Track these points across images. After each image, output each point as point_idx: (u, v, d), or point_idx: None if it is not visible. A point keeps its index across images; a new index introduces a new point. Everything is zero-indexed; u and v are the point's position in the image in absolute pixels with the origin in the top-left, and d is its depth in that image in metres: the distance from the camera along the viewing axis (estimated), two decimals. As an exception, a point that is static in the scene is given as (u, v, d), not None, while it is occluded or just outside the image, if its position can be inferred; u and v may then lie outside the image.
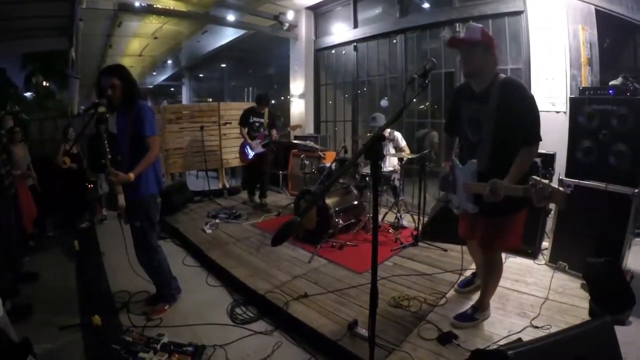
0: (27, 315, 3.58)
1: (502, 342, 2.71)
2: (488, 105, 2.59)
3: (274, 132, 6.70)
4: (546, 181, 2.07)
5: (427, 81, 2.19)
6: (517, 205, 2.56)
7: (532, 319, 3.01)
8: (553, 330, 2.78)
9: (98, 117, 3.37)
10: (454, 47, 2.75)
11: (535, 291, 3.51)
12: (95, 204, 7.01)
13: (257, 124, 6.81)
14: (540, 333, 2.81)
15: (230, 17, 8.65)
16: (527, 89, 2.67)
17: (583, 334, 2.07)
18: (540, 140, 2.51)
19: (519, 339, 2.60)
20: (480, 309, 3.06)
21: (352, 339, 2.85)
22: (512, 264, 4.12)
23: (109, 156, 3.20)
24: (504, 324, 3.00)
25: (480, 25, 2.68)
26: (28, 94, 17.93)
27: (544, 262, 4.13)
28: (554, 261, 4.00)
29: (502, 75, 2.64)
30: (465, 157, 2.81)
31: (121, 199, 3.25)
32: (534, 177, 2.12)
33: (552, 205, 4.00)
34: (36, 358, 1.79)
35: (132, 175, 3.17)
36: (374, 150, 1.81)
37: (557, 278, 3.75)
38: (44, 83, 17.59)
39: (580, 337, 2.05)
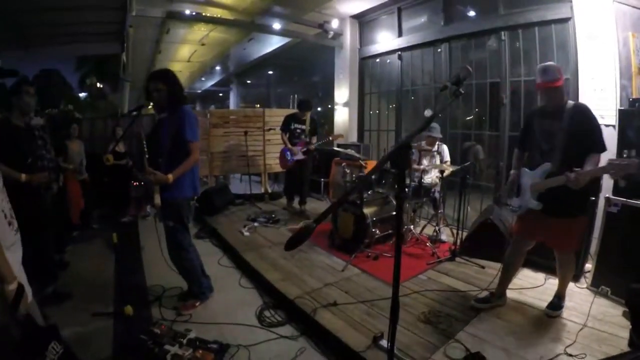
0: (64, 301, 3.75)
1: (533, 369, 2.60)
2: (561, 122, 3.05)
3: (315, 139, 6.77)
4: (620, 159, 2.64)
5: (460, 89, 2.15)
6: (583, 206, 3.18)
7: (567, 346, 2.85)
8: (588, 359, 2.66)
9: (158, 120, 3.55)
10: (540, 89, 3.14)
11: (573, 316, 3.32)
12: (140, 201, 7.27)
13: (298, 131, 6.83)
14: None
15: (276, 25, 8.79)
16: (592, 111, 3.11)
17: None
18: (605, 149, 2.98)
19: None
20: (563, 297, 3.46)
21: (376, 352, 2.81)
22: (552, 285, 3.84)
23: (147, 156, 3.35)
24: (537, 349, 2.86)
25: (553, 63, 3.20)
26: (82, 95, 18.79)
27: (585, 285, 3.91)
28: (596, 285, 3.76)
29: (571, 102, 3.12)
30: (535, 163, 3.23)
31: (157, 198, 3.36)
32: (611, 159, 2.61)
33: (597, 224, 3.86)
34: (60, 344, 1.85)
35: (170, 177, 3.28)
36: (400, 159, 1.78)
37: (598, 303, 3.54)
38: (97, 85, 18.38)
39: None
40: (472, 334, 3.09)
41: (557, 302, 3.42)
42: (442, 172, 5.28)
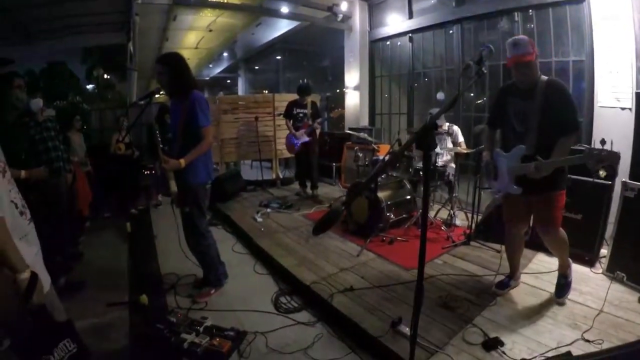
0: (79, 290, 3.78)
1: (550, 354, 2.56)
2: (534, 101, 2.96)
3: (317, 122, 6.81)
4: (599, 147, 2.45)
5: (483, 69, 2.16)
6: (559, 183, 3.04)
7: (584, 332, 2.80)
8: (605, 345, 2.61)
9: (160, 107, 3.54)
10: (512, 65, 3.00)
11: (589, 302, 3.27)
12: (151, 190, 7.32)
13: (301, 115, 6.92)
14: (591, 347, 2.63)
15: (284, 8, 8.70)
16: (567, 87, 3.07)
17: (637, 354, 1.95)
18: (579, 128, 2.96)
19: (569, 353, 2.46)
20: (568, 274, 3.35)
21: (394, 337, 2.79)
22: None
23: (160, 144, 3.38)
24: (553, 334, 2.82)
25: (525, 36, 3.01)
26: (90, 86, 18.86)
27: (601, 270, 3.84)
28: (611, 271, 3.69)
29: (544, 77, 3.01)
30: (510, 145, 3.11)
31: (173, 185, 3.39)
32: (585, 145, 2.51)
33: (613, 209, 3.81)
34: (74, 342, 1.83)
35: (182, 162, 3.27)
36: (426, 140, 1.75)
37: (614, 289, 3.46)
38: (105, 76, 18.43)
39: (635, 357, 1.93)
40: (489, 318, 3.07)
41: (564, 282, 3.33)
42: (457, 154, 5.25)
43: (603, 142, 2.41)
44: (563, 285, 3.32)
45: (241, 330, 3.01)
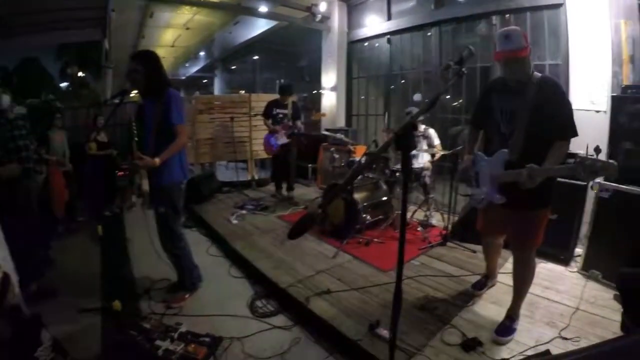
0: (50, 297, 3.64)
1: (529, 353, 2.60)
2: (525, 98, 2.63)
3: (298, 123, 6.72)
4: (593, 155, 2.09)
5: (463, 69, 2.09)
6: (546, 199, 2.72)
7: (562, 330, 2.87)
8: (583, 343, 2.67)
9: (139, 107, 3.43)
10: (500, 59, 2.70)
11: (566, 300, 3.35)
12: (125, 191, 7.14)
13: (280, 115, 6.80)
14: (569, 345, 2.68)
15: (262, 8, 8.60)
16: (562, 86, 2.77)
17: (616, 351, 1.95)
18: (577, 135, 2.57)
19: (547, 351, 2.48)
20: (517, 317, 2.94)
21: (373, 340, 2.77)
22: (543, 269, 3.94)
23: (137, 140, 3.28)
24: (531, 333, 2.86)
25: (517, 27, 2.70)
26: (64, 84, 18.48)
27: (576, 269, 3.94)
28: (586, 269, 3.81)
29: (537, 73, 2.69)
30: (493, 148, 2.81)
31: (144, 185, 3.28)
32: (580, 154, 2.11)
33: (588, 208, 3.87)
34: (47, 332, 1.78)
35: (157, 160, 3.18)
36: (405, 141, 1.69)
37: (590, 287, 3.58)
38: (79, 73, 18.09)
39: (614, 355, 1.93)
40: (467, 319, 3.09)
41: (509, 325, 2.88)
42: (432, 155, 5.24)
43: (598, 150, 2.11)
44: (508, 327, 2.88)
45: (217, 336, 2.95)
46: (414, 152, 5.23)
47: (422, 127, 5.55)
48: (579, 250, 4.07)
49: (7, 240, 1.81)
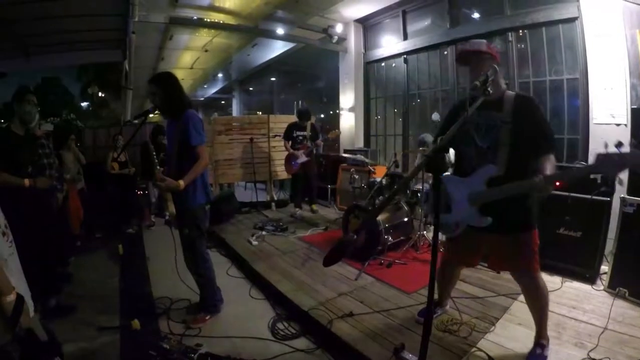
0: (69, 313, 3.68)
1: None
2: (502, 112, 2.54)
3: (318, 141, 6.94)
4: (614, 150, 1.96)
5: (489, 89, 2.10)
6: (534, 218, 2.60)
7: (590, 350, 2.76)
8: None
9: (154, 127, 3.53)
10: (463, 61, 2.69)
11: (593, 319, 3.23)
12: (144, 210, 7.24)
13: (300, 137, 7.03)
14: None
15: (280, 30, 8.76)
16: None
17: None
18: (555, 150, 2.52)
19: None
20: (547, 342, 2.79)
21: (399, 364, 2.72)
22: (569, 289, 3.83)
23: (157, 163, 3.31)
24: (559, 354, 2.75)
25: (482, 40, 2.70)
26: (84, 104, 18.92)
27: (602, 287, 3.81)
28: (613, 287, 3.67)
29: (510, 91, 2.63)
30: (471, 165, 2.64)
31: (171, 206, 3.32)
32: (600, 152, 1.99)
33: (612, 224, 3.79)
34: (63, 358, 1.79)
35: (182, 183, 3.21)
36: (436, 163, 1.66)
37: (617, 306, 3.44)
38: (100, 93, 18.50)
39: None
40: (493, 341, 2.99)
41: (541, 352, 2.73)
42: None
43: (620, 144, 2.03)
44: (539, 355, 2.73)
45: (238, 358, 2.91)
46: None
47: None
48: (604, 268, 3.96)
49: (27, 256, 1.83)
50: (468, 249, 2.87)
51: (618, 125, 4.56)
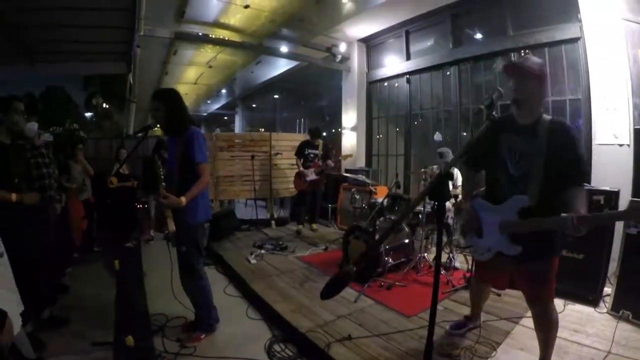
0: (62, 326, 3.64)
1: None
2: (537, 139, 2.45)
3: (329, 162, 6.97)
4: None
5: (494, 113, 2.08)
6: (559, 247, 2.59)
7: None
8: None
9: (157, 141, 3.50)
10: (510, 73, 2.58)
11: (596, 343, 3.16)
12: (144, 225, 7.20)
13: (311, 155, 7.18)
14: None
15: (283, 48, 8.84)
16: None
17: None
18: (588, 183, 2.51)
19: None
20: None
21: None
22: (571, 311, 3.77)
23: (163, 179, 3.29)
24: None
25: (540, 60, 2.62)
26: (88, 114, 19.02)
27: (605, 310, 3.76)
28: (616, 309, 3.62)
29: (547, 116, 2.54)
30: (501, 192, 2.59)
31: (171, 223, 3.27)
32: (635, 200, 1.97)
33: (615, 249, 3.74)
34: None
35: (183, 200, 3.18)
36: (440, 190, 1.64)
37: (621, 329, 3.39)
38: (103, 105, 18.61)
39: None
40: (495, 367, 2.95)
41: None
42: (455, 197, 5.16)
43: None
44: None
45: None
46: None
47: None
48: (607, 290, 3.92)
49: (21, 267, 1.77)
50: (498, 273, 2.81)
51: (621, 145, 4.55)
